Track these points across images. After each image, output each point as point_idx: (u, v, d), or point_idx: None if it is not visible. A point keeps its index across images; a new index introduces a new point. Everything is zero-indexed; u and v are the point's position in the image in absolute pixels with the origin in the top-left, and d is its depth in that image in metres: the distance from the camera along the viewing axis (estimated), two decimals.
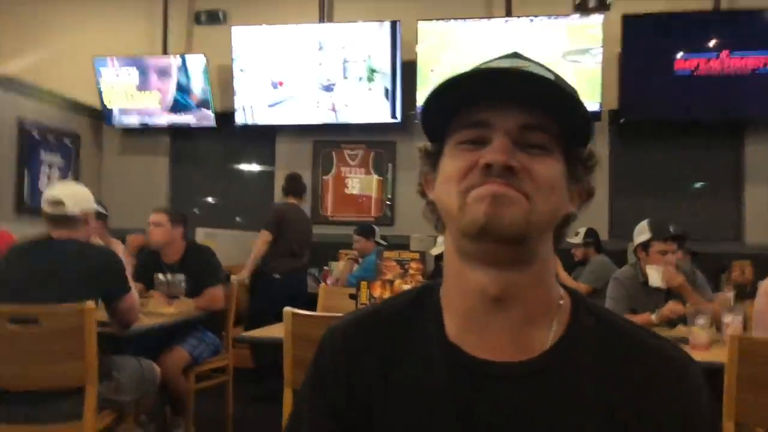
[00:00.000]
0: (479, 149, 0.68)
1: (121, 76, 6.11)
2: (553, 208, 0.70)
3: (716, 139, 5.52)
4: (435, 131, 0.75)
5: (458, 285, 0.74)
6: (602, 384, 0.70)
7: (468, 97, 0.69)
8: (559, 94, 0.67)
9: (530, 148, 0.68)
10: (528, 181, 0.67)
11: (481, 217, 0.66)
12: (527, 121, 0.68)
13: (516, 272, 0.70)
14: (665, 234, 3.00)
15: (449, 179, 0.70)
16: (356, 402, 0.76)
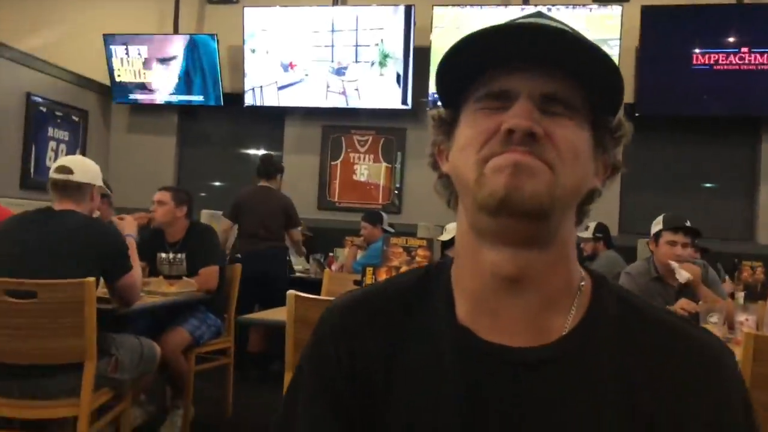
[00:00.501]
0: (500, 113, 0.62)
1: (131, 53, 6.06)
2: (578, 180, 0.64)
3: (732, 137, 5.42)
4: (450, 96, 0.68)
5: (471, 264, 0.68)
6: (625, 372, 0.64)
7: (488, 58, 0.62)
8: (589, 53, 0.60)
9: (555, 113, 0.62)
10: (551, 149, 0.61)
11: (501, 188, 0.60)
12: (550, 89, 0.62)
13: (534, 252, 0.64)
14: (675, 224, 2.93)
15: (467, 146, 0.64)
16: (358, 386, 0.69)
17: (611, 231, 4.71)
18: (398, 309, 0.72)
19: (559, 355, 0.65)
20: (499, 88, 0.63)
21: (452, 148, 0.68)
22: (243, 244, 4.43)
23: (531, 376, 0.64)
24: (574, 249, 0.69)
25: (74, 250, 2.29)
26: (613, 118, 0.67)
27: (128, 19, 6.24)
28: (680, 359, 0.64)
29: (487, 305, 0.67)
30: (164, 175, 6.27)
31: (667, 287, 2.94)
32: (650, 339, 0.65)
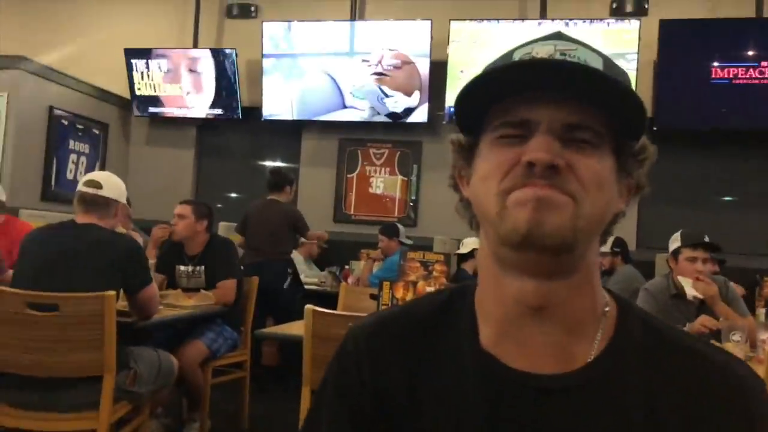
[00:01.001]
0: (521, 144, 0.62)
1: (151, 67, 6.15)
2: (602, 209, 0.63)
3: (752, 150, 5.35)
4: (470, 123, 0.68)
5: (494, 291, 0.68)
6: (651, 399, 0.63)
7: (508, 88, 0.62)
8: (610, 86, 0.60)
9: (576, 142, 0.62)
10: (574, 181, 0.60)
11: (524, 224, 0.60)
12: (573, 119, 0.61)
13: (559, 280, 0.64)
14: (694, 240, 2.89)
15: (488, 177, 0.64)
16: (380, 410, 0.70)
17: (629, 246, 4.66)
18: (422, 333, 0.72)
19: (584, 383, 0.64)
20: (519, 118, 0.63)
21: (473, 176, 0.68)
22: (246, 256, 4.47)
23: (555, 403, 0.64)
24: (598, 274, 0.69)
25: (96, 264, 2.32)
26: (636, 142, 0.66)
27: (149, 34, 6.34)
28: (707, 386, 0.63)
29: (511, 332, 0.67)
30: (182, 188, 6.33)
31: (687, 304, 2.90)
32: (677, 365, 0.65)
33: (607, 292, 0.71)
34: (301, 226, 4.61)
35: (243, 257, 4.49)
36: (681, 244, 2.93)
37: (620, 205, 0.68)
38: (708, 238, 2.95)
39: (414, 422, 0.68)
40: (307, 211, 5.93)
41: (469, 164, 0.69)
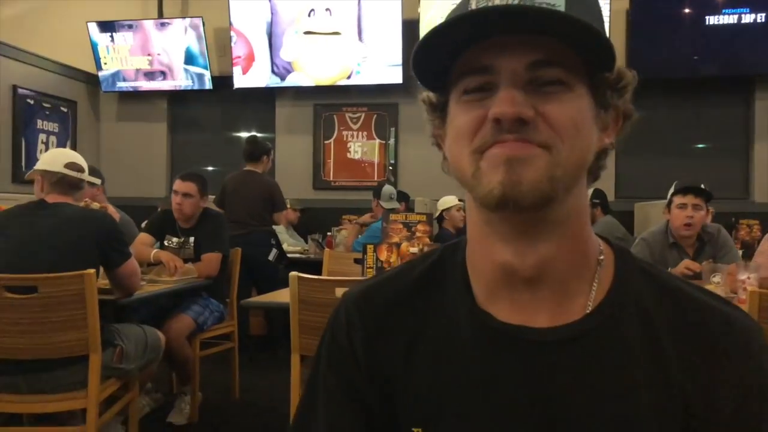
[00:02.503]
0: (487, 98, 0.60)
1: (116, 41, 5.98)
2: (580, 152, 0.61)
3: (725, 97, 5.40)
4: (434, 81, 0.65)
5: (484, 255, 0.66)
6: (653, 347, 0.63)
7: (465, 39, 0.59)
8: (571, 25, 0.56)
9: (545, 85, 0.59)
10: (545, 129, 0.58)
11: (497, 186, 0.58)
12: (536, 57, 0.58)
13: (547, 237, 0.62)
14: (683, 186, 2.92)
15: (459, 138, 0.62)
16: (377, 378, 0.69)
17: (607, 196, 4.70)
18: (414, 295, 0.71)
19: (581, 334, 0.63)
20: (480, 64, 0.60)
21: (447, 134, 0.66)
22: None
23: (552, 356, 0.63)
24: (588, 220, 0.67)
25: (73, 241, 2.27)
26: (611, 72, 0.64)
27: (112, 7, 6.14)
28: (709, 332, 0.63)
29: (504, 288, 0.66)
30: (157, 162, 6.23)
31: (682, 253, 2.94)
32: (677, 312, 0.64)
33: (601, 239, 0.70)
34: (277, 202, 4.43)
35: None
36: (672, 192, 2.96)
37: (606, 140, 0.66)
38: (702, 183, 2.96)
39: (411, 384, 0.67)
40: (286, 179, 5.89)
41: (444, 121, 0.67)
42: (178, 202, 3.29)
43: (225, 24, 5.72)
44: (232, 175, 4.53)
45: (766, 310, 1.94)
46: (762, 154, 5.24)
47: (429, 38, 0.59)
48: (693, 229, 2.88)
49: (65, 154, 2.51)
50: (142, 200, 5.58)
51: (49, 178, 2.41)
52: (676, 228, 2.91)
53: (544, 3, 0.58)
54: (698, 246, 2.93)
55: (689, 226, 2.86)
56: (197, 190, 3.30)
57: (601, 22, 0.63)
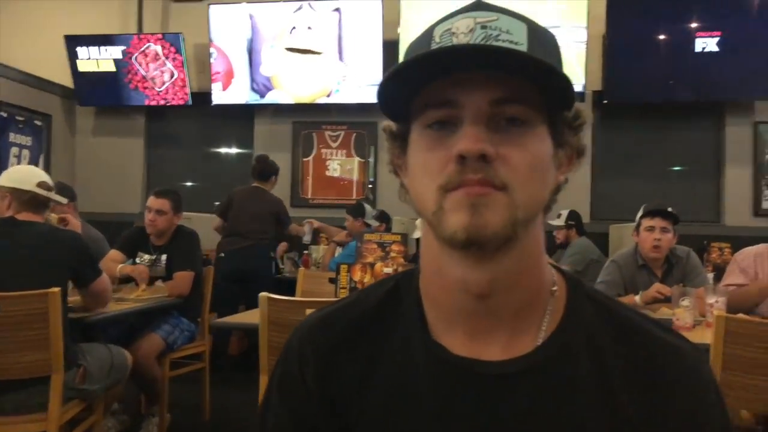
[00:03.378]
0: (450, 134, 0.60)
1: (94, 54, 5.94)
2: (539, 192, 0.62)
3: (698, 121, 5.50)
4: (398, 111, 0.66)
5: (438, 280, 0.66)
6: (602, 378, 0.63)
7: (429, 74, 0.60)
8: (534, 65, 0.57)
9: (507, 123, 0.60)
10: (506, 168, 0.59)
11: (461, 231, 0.59)
12: (499, 94, 0.59)
13: (503, 263, 0.62)
14: (651, 209, 2.96)
15: (424, 172, 0.62)
16: (329, 410, 0.68)
17: (583, 218, 4.74)
18: (369, 325, 0.70)
19: (533, 367, 0.63)
20: (443, 98, 0.61)
21: (409, 166, 0.66)
22: (228, 242, 4.41)
23: (506, 389, 0.63)
24: (542, 251, 0.68)
25: (43, 260, 2.25)
26: (569, 111, 0.65)
27: (91, 20, 6.11)
28: (657, 365, 0.64)
29: (459, 320, 0.66)
30: (133, 178, 6.17)
31: (651, 275, 2.97)
32: (627, 345, 0.65)
33: (556, 270, 0.70)
34: (284, 219, 4.59)
35: (223, 243, 4.44)
36: (641, 215, 3.00)
37: (560, 177, 0.66)
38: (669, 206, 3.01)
39: (364, 419, 0.66)
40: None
41: (404, 151, 0.67)
42: (151, 219, 3.26)
43: (205, 40, 5.71)
44: (241, 188, 4.61)
45: (731, 334, 1.97)
46: (732, 178, 5.33)
47: (396, 73, 0.60)
48: (661, 251, 2.92)
49: (35, 174, 2.49)
50: (118, 216, 5.51)
51: (19, 196, 2.38)
52: (644, 250, 2.95)
53: (507, 41, 0.59)
54: (666, 268, 2.97)
55: (657, 249, 2.90)
56: (170, 206, 3.27)
57: (560, 62, 0.64)
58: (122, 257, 3.28)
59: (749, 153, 5.29)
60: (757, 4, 5.00)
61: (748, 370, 1.98)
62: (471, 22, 0.60)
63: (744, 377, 1.98)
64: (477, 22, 0.60)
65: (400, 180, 0.71)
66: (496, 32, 0.59)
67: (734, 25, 5.02)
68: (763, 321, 2.17)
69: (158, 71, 5.87)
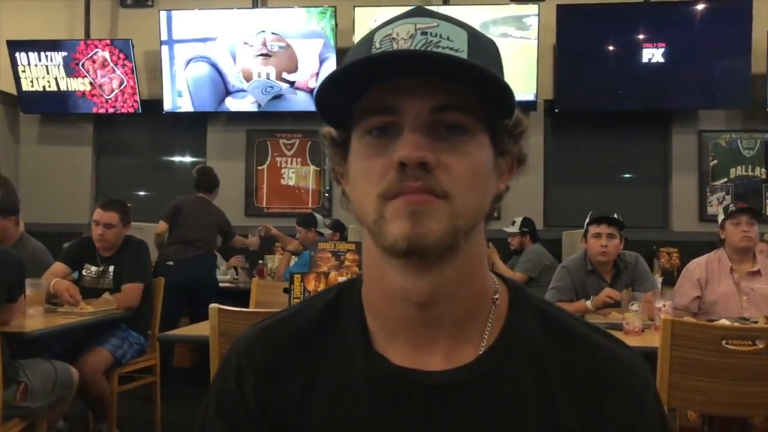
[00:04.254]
0: (390, 141, 0.59)
1: (40, 60, 5.75)
2: (479, 200, 0.62)
3: (646, 130, 5.66)
4: (338, 117, 0.65)
5: (380, 289, 0.65)
6: (544, 387, 0.63)
7: (368, 80, 0.59)
8: (475, 73, 0.57)
9: (448, 130, 0.59)
10: (446, 179, 0.58)
11: (402, 240, 0.58)
12: (439, 101, 0.59)
13: (444, 272, 0.61)
14: (597, 216, 3.04)
15: (364, 180, 0.61)
16: (269, 426, 0.66)
17: (536, 225, 4.81)
18: (310, 337, 0.68)
19: (475, 377, 0.63)
20: (383, 105, 0.60)
21: (349, 174, 0.65)
22: (177, 250, 4.31)
23: (448, 400, 0.62)
24: (484, 260, 0.67)
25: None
26: (509, 119, 0.65)
27: (36, 25, 5.91)
28: (598, 372, 0.64)
29: (400, 330, 0.65)
30: (81, 188, 5.98)
31: (600, 280, 3.03)
32: (568, 353, 0.65)
33: (498, 279, 0.70)
34: (229, 230, 4.59)
35: (167, 250, 4.35)
36: (588, 222, 3.06)
37: (501, 186, 0.66)
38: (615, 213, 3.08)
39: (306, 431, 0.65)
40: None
41: (345, 159, 0.66)
42: (100, 233, 3.15)
43: (155, 46, 5.60)
44: (188, 198, 4.54)
45: (678, 336, 2.02)
46: (679, 185, 5.50)
47: (334, 78, 0.58)
48: (609, 256, 2.99)
49: None
50: (65, 227, 5.32)
51: None
52: (593, 256, 3.02)
53: (447, 48, 0.58)
54: (615, 273, 3.05)
55: (605, 254, 2.98)
56: (119, 219, 3.18)
57: (501, 69, 0.64)
58: (66, 270, 3.16)
59: (694, 161, 5.47)
60: (699, 17, 5.19)
61: (694, 372, 2.03)
62: (411, 28, 0.59)
63: (690, 379, 2.04)
64: (417, 28, 0.59)
65: (341, 188, 0.69)
66: (437, 39, 0.59)
67: (678, 37, 5.19)
68: (707, 324, 2.23)
69: (107, 78, 5.72)
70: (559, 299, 2.96)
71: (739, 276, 2.87)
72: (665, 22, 5.22)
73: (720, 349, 2.00)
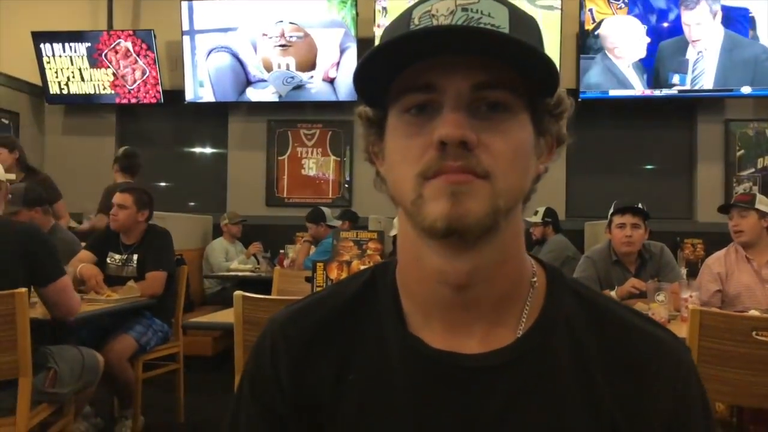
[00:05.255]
0: (430, 119, 0.58)
1: (64, 51, 5.80)
2: (520, 180, 0.60)
3: (671, 119, 5.57)
4: (375, 95, 0.63)
5: (416, 271, 0.64)
6: (583, 371, 0.62)
7: (408, 56, 0.57)
8: (516, 46, 0.56)
9: (489, 109, 0.58)
10: (487, 158, 0.57)
11: (442, 220, 0.57)
12: (481, 78, 0.57)
13: (482, 253, 0.60)
14: (621, 206, 3.00)
15: (402, 160, 0.60)
16: (303, 407, 0.66)
17: (558, 215, 4.77)
18: (344, 318, 0.68)
19: (512, 359, 0.62)
20: (423, 82, 0.58)
21: (386, 153, 0.64)
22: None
23: (485, 382, 0.61)
24: (522, 242, 0.66)
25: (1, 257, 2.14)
26: (551, 98, 0.63)
27: (59, 16, 5.97)
28: (638, 355, 0.63)
29: (436, 312, 0.64)
30: (104, 177, 6.02)
31: (625, 271, 3.00)
32: (607, 336, 0.64)
33: (536, 261, 0.69)
34: None
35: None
36: (612, 212, 3.03)
37: (540, 167, 0.65)
38: (639, 203, 3.04)
39: (340, 413, 0.64)
40: (238, 195, 5.81)
41: (381, 138, 0.65)
42: (114, 213, 3.20)
43: (177, 37, 5.62)
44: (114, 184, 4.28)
45: (706, 327, 1.98)
46: (704, 175, 5.41)
47: (374, 55, 0.57)
48: (633, 246, 2.96)
49: None
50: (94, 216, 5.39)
51: None
52: (617, 246, 2.99)
53: (489, 24, 0.57)
54: (639, 263, 3.01)
55: (629, 244, 2.95)
56: (132, 201, 3.19)
57: (542, 47, 0.62)
58: (92, 258, 3.20)
59: (720, 150, 5.37)
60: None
61: (723, 363, 2.00)
62: (452, 4, 0.58)
63: (719, 370, 2.00)
64: (458, 5, 0.58)
65: (375, 168, 0.68)
66: (478, 15, 0.57)
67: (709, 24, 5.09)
68: (736, 315, 2.20)
69: (129, 68, 5.76)
70: None
71: (758, 265, 2.83)
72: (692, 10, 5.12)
73: (750, 340, 1.96)
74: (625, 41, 5.17)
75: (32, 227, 2.37)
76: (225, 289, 4.92)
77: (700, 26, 5.08)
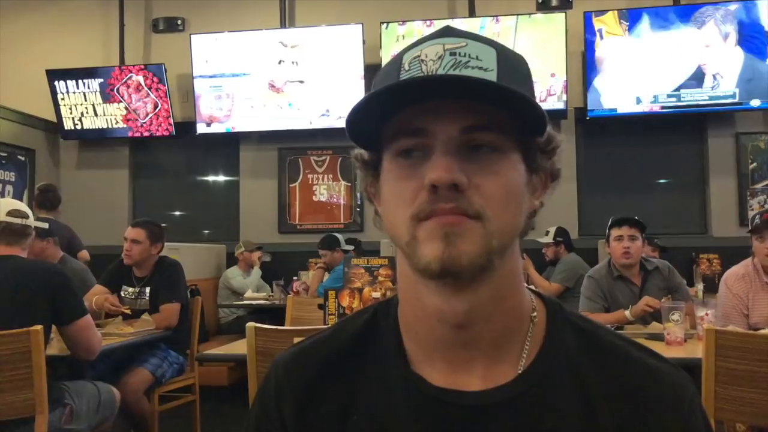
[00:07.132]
0: (421, 162, 0.59)
1: (77, 87, 5.92)
2: (513, 220, 0.61)
3: (681, 134, 5.54)
4: (369, 139, 0.65)
5: (416, 310, 0.65)
6: (585, 407, 0.62)
7: (398, 103, 0.59)
8: (505, 94, 0.57)
9: (479, 150, 0.59)
10: (479, 197, 0.58)
11: (435, 261, 0.57)
12: (470, 122, 0.59)
13: (480, 291, 0.61)
14: (618, 218, 3.00)
15: (396, 202, 0.61)
16: None
17: (571, 234, 4.75)
18: (347, 358, 0.69)
19: (515, 396, 0.62)
20: (413, 126, 0.60)
21: (381, 195, 0.65)
22: None
23: (487, 421, 0.62)
24: (521, 278, 0.67)
25: (21, 296, 2.18)
26: (541, 136, 0.64)
27: (73, 53, 6.10)
28: (640, 387, 0.63)
29: (437, 350, 0.65)
30: (119, 210, 6.12)
31: (631, 284, 2.98)
32: (608, 370, 0.64)
33: (536, 296, 0.69)
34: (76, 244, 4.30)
35: None
36: (609, 226, 3.04)
37: (535, 202, 0.66)
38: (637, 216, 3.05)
39: None
40: (251, 223, 5.85)
41: (377, 179, 0.66)
42: (127, 248, 3.24)
43: (187, 70, 5.72)
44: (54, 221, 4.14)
45: (722, 347, 1.96)
46: (717, 189, 5.37)
47: (364, 104, 0.59)
48: (632, 258, 2.95)
49: (6, 203, 2.43)
50: (104, 249, 5.44)
51: None
52: (616, 259, 2.98)
53: (477, 68, 0.58)
54: (643, 275, 2.99)
55: (628, 255, 2.93)
56: (146, 236, 3.23)
57: (531, 86, 0.64)
58: (106, 292, 3.24)
59: (732, 164, 5.34)
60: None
61: (741, 383, 1.97)
62: (440, 49, 0.59)
63: (737, 390, 1.98)
64: (446, 49, 0.59)
65: (374, 207, 0.69)
66: (465, 59, 0.59)
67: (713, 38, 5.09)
68: (752, 334, 2.17)
69: (141, 102, 5.86)
70: (592, 308, 2.92)
71: None
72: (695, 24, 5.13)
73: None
74: (633, 60, 5.18)
75: (55, 267, 2.42)
76: (240, 318, 4.93)
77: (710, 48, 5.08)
